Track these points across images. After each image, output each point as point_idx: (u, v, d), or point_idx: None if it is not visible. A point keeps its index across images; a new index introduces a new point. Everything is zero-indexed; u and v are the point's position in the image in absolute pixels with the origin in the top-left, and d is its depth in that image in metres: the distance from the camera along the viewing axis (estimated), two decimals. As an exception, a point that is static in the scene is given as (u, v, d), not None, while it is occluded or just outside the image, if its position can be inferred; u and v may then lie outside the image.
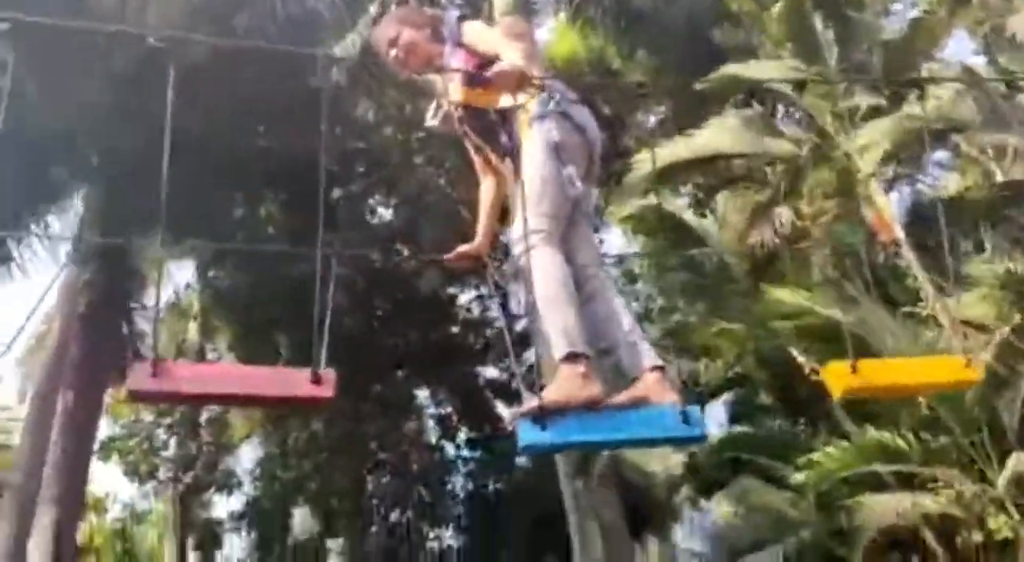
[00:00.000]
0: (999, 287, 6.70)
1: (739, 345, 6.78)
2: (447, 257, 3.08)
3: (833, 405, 7.10)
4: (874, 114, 8.04)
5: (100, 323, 9.80)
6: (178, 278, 15.48)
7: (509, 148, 2.82)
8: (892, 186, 9.86)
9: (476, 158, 3.07)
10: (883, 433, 6.65)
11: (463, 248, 3.07)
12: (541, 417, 2.19)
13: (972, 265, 7.03)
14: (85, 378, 9.46)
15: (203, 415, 15.08)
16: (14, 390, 15.94)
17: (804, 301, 6.56)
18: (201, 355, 14.81)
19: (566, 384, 2.29)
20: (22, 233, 9.76)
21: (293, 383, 2.13)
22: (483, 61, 2.71)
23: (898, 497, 6.64)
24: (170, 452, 14.80)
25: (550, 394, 2.24)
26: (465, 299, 16.97)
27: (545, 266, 2.45)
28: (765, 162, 7.95)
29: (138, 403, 12.69)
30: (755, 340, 6.77)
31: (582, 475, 8.13)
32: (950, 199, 9.29)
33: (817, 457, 6.51)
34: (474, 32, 2.82)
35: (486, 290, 17.37)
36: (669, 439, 2.59)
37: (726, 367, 6.89)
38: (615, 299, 2.73)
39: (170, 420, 15.23)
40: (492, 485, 16.38)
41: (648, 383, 2.45)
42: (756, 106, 8.31)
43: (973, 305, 7.48)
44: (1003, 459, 6.54)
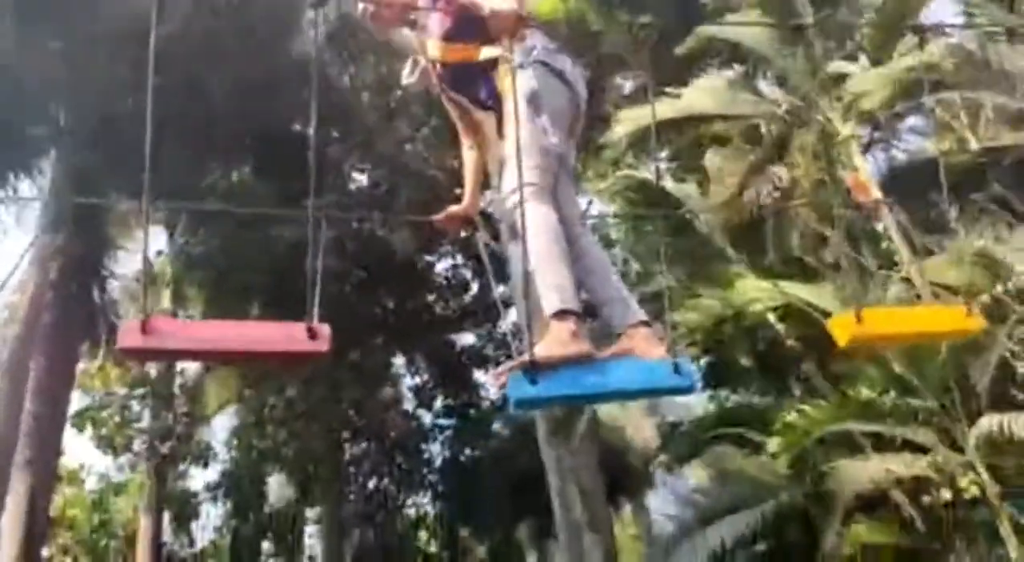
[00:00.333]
0: (977, 257, 6.76)
1: (716, 314, 6.81)
2: (436, 218, 3.01)
3: (809, 370, 7.19)
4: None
5: (72, 291, 9.64)
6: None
7: (490, 102, 2.75)
8: (867, 151, 9.90)
9: (456, 116, 2.99)
10: (850, 391, 6.74)
11: (452, 209, 3.01)
12: (531, 371, 2.18)
13: (950, 236, 7.10)
14: (57, 346, 9.33)
15: (177, 384, 14.98)
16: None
17: (771, 286, 6.58)
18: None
19: (555, 340, 2.28)
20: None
21: (288, 338, 2.08)
22: (461, 14, 2.65)
23: (873, 461, 6.72)
24: (144, 423, 14.69)
25: (540, 350, 2.23)
26: (441, 267, 16.94)
27: (538, 221, 2.40)
28: (747, 124, 7.92)
29: (130, 361, 12.54)
30: (734, 309, 6.79)
31: (563, 438, 8.18)
32: (925, 163, 9.36)
33: (790, 419, 6.57)
34: None
35: (462, 258, 17.36)
36: (660, 389, 2.57)
37: (704, 332, 6.91)
38: (601, 255, 2.71)
39: (143, 391, 15.10)
40: (469, 452, 16.45)
41: (635, 338, 2.46)
42: (737, 67, 8.25)
43: (946, 270, 7.57)
44: (972, 421, 6.65)
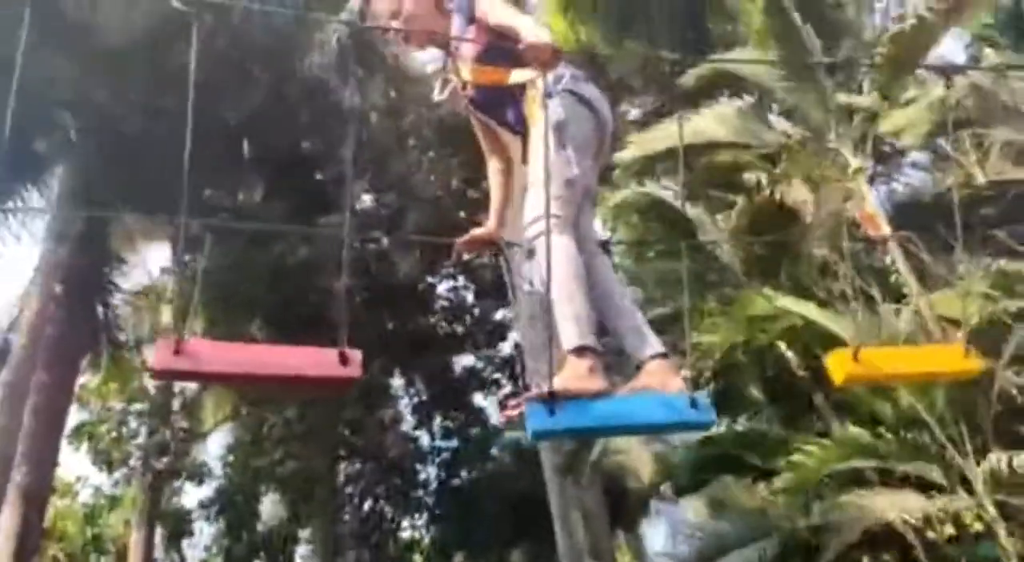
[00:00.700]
0: (993, 287, 6.77)
1: (729, 337, 6.80)
2: (459, 241, 3.01)
3: (817, 400, 7.18)
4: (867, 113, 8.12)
5: (76, 305, 9.62)
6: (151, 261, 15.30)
7: (517, 127, 2.76)
8: (871, 184, 9.97)
9: (483, 137, 3.01)
10: (862, 430, 6.71)
11: (476, 232, 3.00)
12: (550, 402, 2.18)
13: (962, 265, 7.12)
14: (59, 360, 9.29)
15: (175, 401, 14.91)
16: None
17: (789, 304, 6.60)
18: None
19: (573, 375, 2.29)
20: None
21: (320, 363, 2.08)
22: (496, 37, 2.66)
23: (880, 496, 6.67)
24: (141, 439, 14.61)
25: (557, 383, 2.23)
26: (443, 288, 16.98)
27: (559, 254, 2.39)
28: (758, 153, 7.97)
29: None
30: (745, 333, 6.78)
31: (571, 464, 8.13)
32: (933, 198, 9.42)
33: (797, 458, 6.53)
34: (490, 6, 2.72)
35: (464, 280, 17.39)
36: (678, 424, 2.60)
37: (714, 359, 6.90)
38: (618, 284, 2.71)
39: (140, 407, 15.04)
40: (466, 474, 16.36)
41: (653, 371, 2.46)
42: (747, 97, 8.33)
43: (951, 303, 7.59)
44: (978, 455, 6.63)
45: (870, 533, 6.76)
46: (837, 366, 2.65)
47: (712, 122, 7.85)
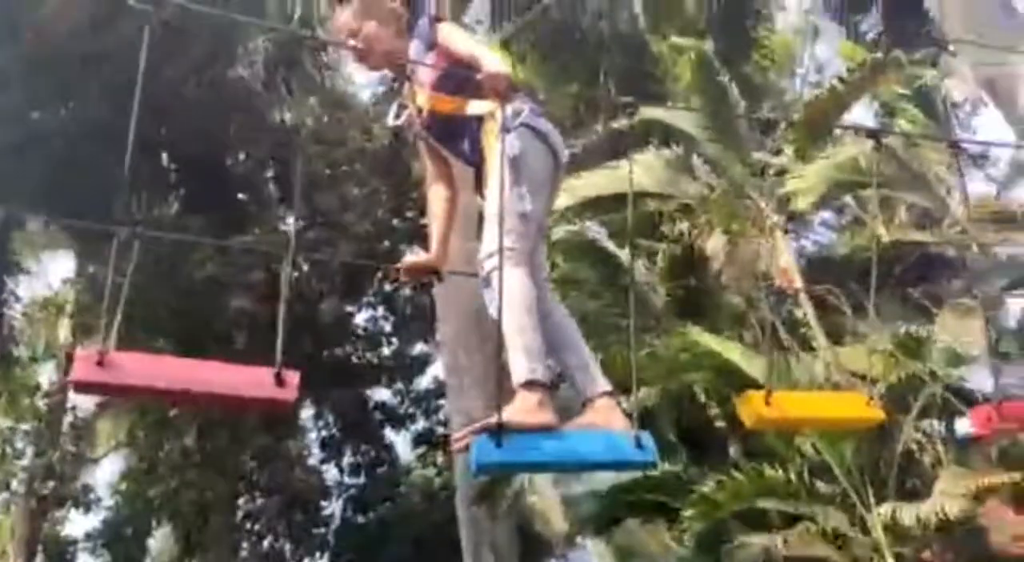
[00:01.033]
0: (899, 347, 7.08)
1: (651, 380, 6.90)
2: (402, 266, 2.96)
3: (730, 445, 7.31)
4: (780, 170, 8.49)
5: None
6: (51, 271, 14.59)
7: (472, 157, 2.75)
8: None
9: (431, 164, 3.00)
10: (769, 470, 6.87)
11: (415, 259, 2.99)
12: (497, 435, 2.16)
13: (867, 324, 7.45)
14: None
15: (67, 421, 14.08)
16: None
17: (714, 345, 6.76)
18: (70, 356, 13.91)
19: (522, 409, 2.27)
20: None
21: (255, 383, 2.00)
22: (454, 65, 2.66)
23: (780, 539, 6.80)
24: (26, 461, 13.70)
25: (506, 415, 2.20)
26: (361, 318, 16.68)
27: (513, 288, 2.38)
28: (680, 203, 8.20)
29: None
30: (664, 377, 6.88)
31: (486, 500, 8.02)
32: (842, 257, 9.86)
33: (707, 491, 6.63)
34: (450, 34, 2.74)
35: (383, 310, 17.14)
36: (621, 463, 2.61)
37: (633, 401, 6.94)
38: (567, 319, 2.70)
39: (28, 426, 14.16)
40: (372, 512, 15.93)
41: (599, 408, 2.47)
42: (675, 148, 8.59)
43: (858, 358, 7.89)
44: (880, 505, 6.84)
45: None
46: (749, 408, 2.73)
47: (639, 171, 8.04)
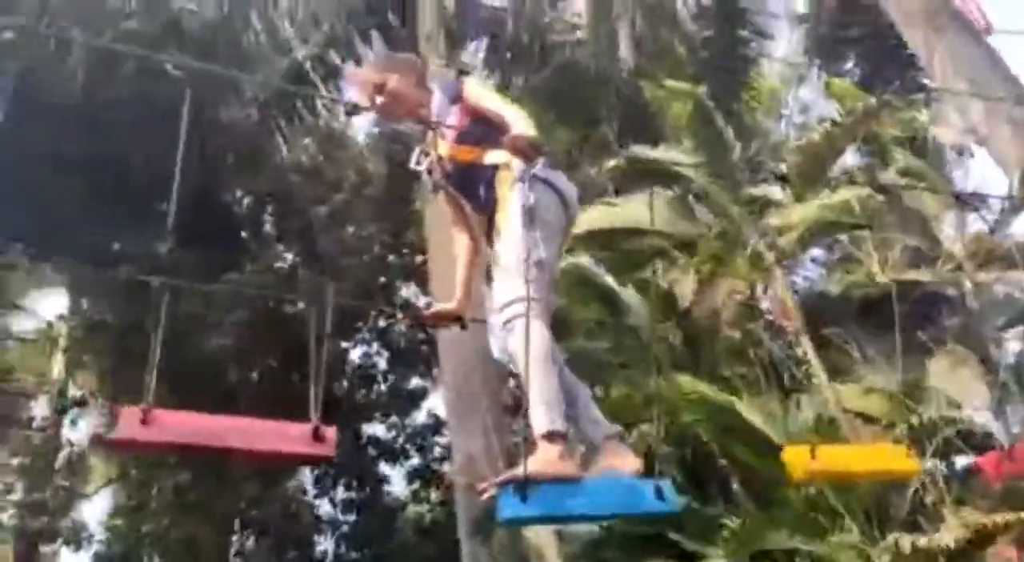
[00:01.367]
0: (905, 391, 7.16)
1: (653, 419, 6.95)
2: (424, 315, 3.03)
3: (733, 486, 7.33)
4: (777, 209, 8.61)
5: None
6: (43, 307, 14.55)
7: (486, 205, 2.83)
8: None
9: (452, 212, 3.07)
10: (792, 509, 6.92)
11: (441, 307, 3.05)
12: (522, 489, 2.20)
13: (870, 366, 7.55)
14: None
15: (61, 456, 13.92)
16: None
17: (705, 390, 6.83)
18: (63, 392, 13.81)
19: (545, 460, 2.32)
20: None
21: (293, 439, 2.08)
22: (478, 119, 2.78)
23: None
24: (17, 495, 13.52)
25: (531, 466, 2.25)
26: (356, 354, 16.63)
27: (536, 340, 2.43)
28: (677, 241, 8.30)
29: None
30: (665, 418, 6.94)
31: (484, 536, 8.02)
32: (836, 295, 9.94)
33: (735, 528, 6.66)
34: (476, 91, 2.86)
35: (378, 346, 17.11)
36: (643, 513, 2.70)
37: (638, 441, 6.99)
38: (570, 373, 2.75)
39: (19, 461, 14.00)
40: (367, 549, 15.75)
41: (610, 451, 2.55)
42: (675, 189, 8.70)
43: (857, 398, 7.94)
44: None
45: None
46: (795, 462, 2.78)
47: (638, 208, 8.15)
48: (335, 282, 13.68)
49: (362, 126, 16.26)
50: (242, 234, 14.76)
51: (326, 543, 15.94)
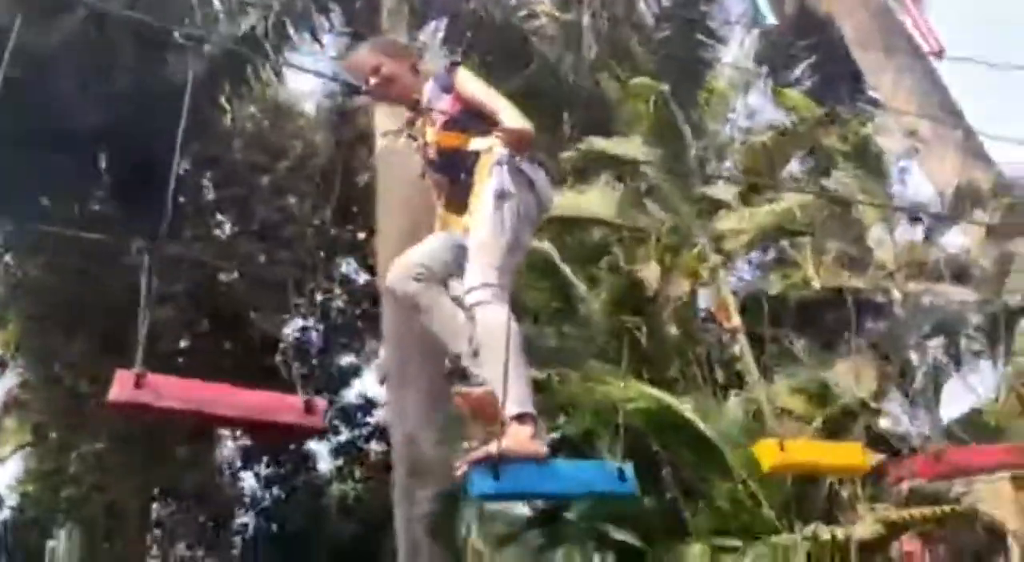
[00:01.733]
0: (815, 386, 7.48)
1: (593, 407, 7.09)
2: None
3: (664, 477, 7.53)
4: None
5: None
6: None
7: (465, 190, 2.87)
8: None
9: (437, 196, 3.11)
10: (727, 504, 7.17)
11: None
12: (494, 467, 2.27)
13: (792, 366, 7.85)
14: None
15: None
16: None
17: (643, 390, 7.01)
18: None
19: (516, 440, 2.38)
20: None
21: (285, 410, 2.08)
22: (468, 108, 2.85)
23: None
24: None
25: (504, 445, 2.31)
26: (289, 329, 16.38)
27: (498, 323, 2.49)
28: (629, 234, 8.42)
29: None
30: (607, 405, 7.08)
31: (422, 515, 8.07)
32: (775, 296, 10.26)
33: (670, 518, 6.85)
34: (468, 81, 2.92)
35: (312, 320, 16.90)
36: (605, 493, 2.81)
37: (578, 429, 7.12)
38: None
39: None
40: (289, 524, 15.63)
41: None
42: (629, 182, 8.82)
43: (786, 396, 8.24)
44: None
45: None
46: (766, 455, 2.93)
47: (593, 199, 8.23)
48: (274, 253, 13.45)
49: (310, 97, 15.98)
50: (180, 199, 14.33)
51: (247, 517, 15.78)
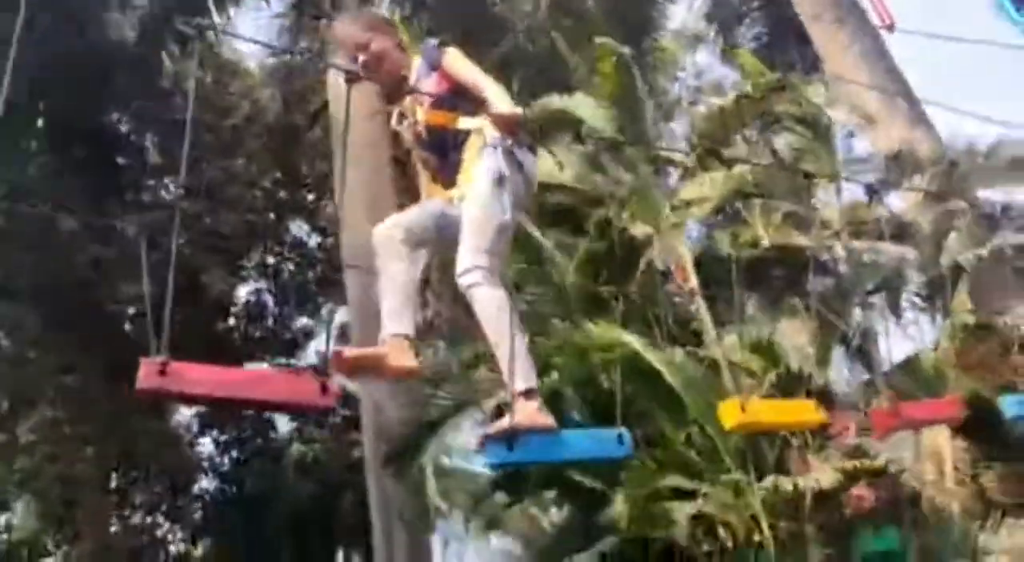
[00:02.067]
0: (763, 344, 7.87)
1: (562, 365, 7.35)
2: None
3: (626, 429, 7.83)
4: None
5: None
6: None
7: (452, 168, 2.97)
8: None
9: (423, 172, 3.17)
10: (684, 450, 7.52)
11: None
12: (510, 439, 2.51)
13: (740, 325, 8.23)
14: None
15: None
16: None
17: (618, 335, 7.24)
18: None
19: (525, 415, 2.58)
20: None
21: (302, 391, 2.21)
22: (456, 88, 2.91)
23: (684, 506, 7.46)
24: None
25: (517, 419, 2.54)
26: (244, 292, 16.27)
27: (496, 303, 2.64)
28: (592, 197, 8.58)
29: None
30: (575, 362, 7.35)
31: (395, 473, 8.27)
32: (723, 256, 10.61)
33: (634, 473, 7.18)
34: (456, 61, 2.96)
35: (265, 284, 16.77)
36: (606, 458, 3.06)
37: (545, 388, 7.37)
38: None
39: None
40: (248, 486, 15.70)
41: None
42: (588, 145, 8.93)
43: (738, 352, 8.61)
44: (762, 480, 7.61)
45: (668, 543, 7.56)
46: (729, 414, 3.16)
47: (553, 163, 8.32)
48: (220, 214, 13.21)
49: (255, 56, 15.62)
50: (120, 161, 13.94)
51: (207, 481, 15.79)
